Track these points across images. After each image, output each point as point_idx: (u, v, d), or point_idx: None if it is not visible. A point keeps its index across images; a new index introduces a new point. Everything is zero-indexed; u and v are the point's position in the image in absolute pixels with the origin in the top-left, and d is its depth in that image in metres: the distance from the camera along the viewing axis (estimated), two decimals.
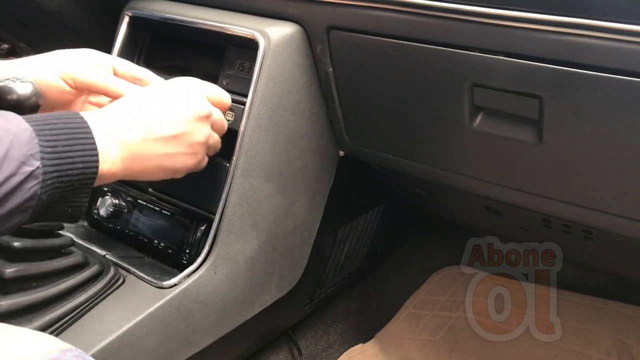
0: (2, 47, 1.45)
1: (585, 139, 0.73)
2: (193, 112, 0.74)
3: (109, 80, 0.80)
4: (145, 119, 0.70)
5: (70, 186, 0.62)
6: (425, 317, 1.36)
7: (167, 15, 0.98)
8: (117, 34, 1.01)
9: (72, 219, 0.66)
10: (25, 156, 0.58)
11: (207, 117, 0.76)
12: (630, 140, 0.69)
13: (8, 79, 0.70)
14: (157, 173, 0.74)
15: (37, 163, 0.59)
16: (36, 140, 0.60)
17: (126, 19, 1.01)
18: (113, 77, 0.81)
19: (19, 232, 0.75)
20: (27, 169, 0.58)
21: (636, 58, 0.63)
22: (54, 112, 0.65)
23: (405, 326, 1.35)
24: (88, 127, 0.64)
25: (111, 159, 0.67)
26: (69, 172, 0.62)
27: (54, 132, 0.62)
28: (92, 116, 0.67)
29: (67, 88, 0.78)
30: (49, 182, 0.60)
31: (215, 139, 0.80)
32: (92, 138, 0.64)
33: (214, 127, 0.79)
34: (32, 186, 0.59)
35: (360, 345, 1.33)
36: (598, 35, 0.64)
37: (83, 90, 0.81)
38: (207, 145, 0.78)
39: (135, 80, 0.83)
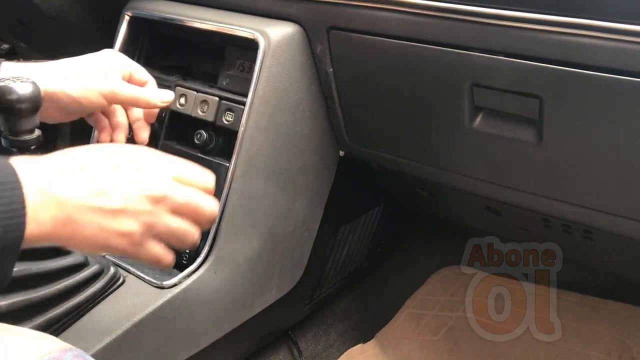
0: (2, 47, 1.45)
1: (585, 139, 0.73)
2: (144, 191, 0.63)
3: (142, 95, 0.83)
4: (92, 182, 0.61)
5: None
6: (425, 317, 1.36)
7: (167, 15, 0.98)
8: (117, 34, 1.01)
9: None
10: None
11: (159, 201, 0.64)
12: (630, 140, 0.69)
13: (8, 78, 0.70)
14: (84, 245, 0.63)
15: None
16: None
17: (126, 19, 1.01)
18: (144, 91, 0.85)
19: None
20: None
21: (636, 58, 0.63)
22: None
23: (405, 326, 1.35)
24: (16, 182, 0.55)
25: (40, 220, 0.57)
26: None
27: None
28: (29, 166, 0.58)
29: (105, 102, 0.82)
30: None
31: (179, 227, 0.66)
32: (21, 195, 0.55)
33: (184, 213, 0.66)
34: None
35: (360, 345, 1.33)
36: (598, 35, 0.64)
37: (117, 103, 0.85)
38: (155, 234, 0.65)
39: (143, 85, 0.88)
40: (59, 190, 0.58)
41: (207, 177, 0.69)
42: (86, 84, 0.81)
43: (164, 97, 0.86)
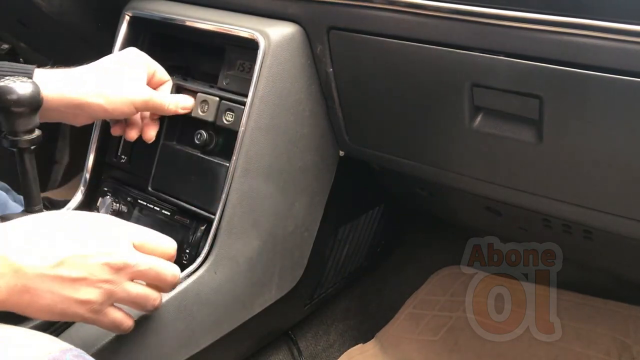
0: (2, 47, 1.45)
1: (585, 139, 0.73)
2: (104, 260, 0.63)
3: (171, 103, 0.89)
4: (52, 252, 0.60)
5: None
6: (425, 317, 1.36)
7: (167, 15, 0.98)
8: (117, 34, 1.01)
9: None
10: None
11: (120, 269, 0.64)
12: (630, 140, 0.69)
13: (8, 78, 0.70)
14: (41, 313, 0.63)
15: None
16: None
17: (126, 19, 1.01)
18: (172, 100, 0.90)
19: None
20: None
21: (636, 58, 0.63)
22: None
23: (405, 326, 1.35)
24: None
25: None
26: None
27: None
28: None
29: (135, 112, 0.86)
30: None
31: (139, 294, 0.68)
32: None
33: (145, 280, 0.68)
34: None
35: (360, 345, 1.33)
36: (598, 35, 0.64)
37: (146, 110, 0.91)
38: (115, 300, 0.66)
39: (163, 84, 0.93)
40: (18, 260, 0.58)
41: (168, 244, 0.70)
42: (122, 96, 0.83)
43: (186, 103, 0.92)
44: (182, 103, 0.91)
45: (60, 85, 0.80)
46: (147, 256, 0.68)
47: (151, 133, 0.94)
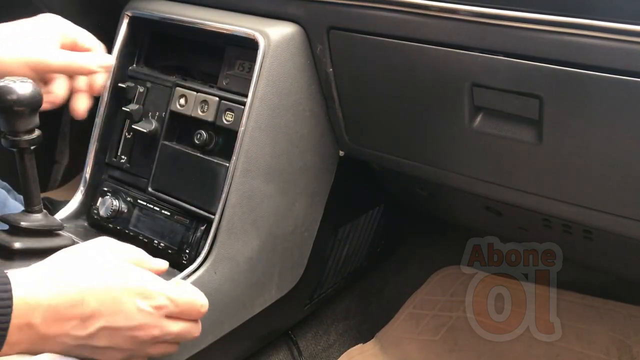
0: None
1: (585, 139, 0.73)
2: (130, 333, 0.63)
3: (76, 61, 0.77)
4: (76, 327, 0.60)
5: None
6: (425, 317, 1.36)
7: (167, 15, 0.98)
8: (117, 34, 1.01)
9: None
10: None
11: (147, 340, 0.65)
12: (630, 140, 0.69)
13: (8, 78, 0.70)
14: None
15: None
16: None
17: (126, 19, 1.01)
18: (80, 57, 0.78)
19: (19, 233, 0.75)
20: None
21: (636, 58, 0.63)
22: None
23: (405, 326, 1.35)
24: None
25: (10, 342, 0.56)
26: None
27: None
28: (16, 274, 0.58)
29: (33, 74, 0.75)
30: None
31: (178, 332, 0.68)
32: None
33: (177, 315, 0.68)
34: None
35: (360, 345, 1.33)
36: (598, 35, 0.64)
37: (49, 72, 0.78)
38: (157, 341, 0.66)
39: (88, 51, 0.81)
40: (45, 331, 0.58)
41: (200, 299, 0.70)
42: (10, 53, 0.74)
43: (102, 61, 0.80)
44: (95, 61, 0.80)
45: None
46: (174, 323, 0.67)
47: (79, 106, 0.83)
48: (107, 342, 0.62)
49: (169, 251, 0.93)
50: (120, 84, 1.00)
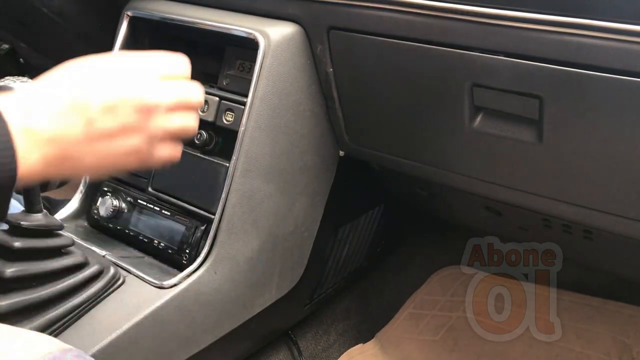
0: (2, 47, 1.45)
1: (585, 139, 0.73)
2: (136, 106, 0.60)
3: None
4: (80, 114, 0.57)
5: None
6: (425, 317, 1.36)
7: (167, 15, 0.98)
8: (117, 34, 1.01)
9: None
10: None
11: (152, 110, 0.62)
12: (630, 140, 0.69)
13: (8, 78, 0.70)
14: (91, 173, 0.63)
15: None
16: None
17: (126, 19, 1.01)
18: None
19: (19, 232, 0.75)
20: None
21: (636, 58, 0.63)
22: None
23: (405, 326, 1.35)
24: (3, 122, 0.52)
25: (29, 162, 0.54)
26: None
27: None
28: (14, 108, 0.54)
29: None
30: None
31: (178, 126, 0.65)
32: (8, 135, 0.52)
33: (177, 111, 0.65)
34: None
35: (360, 345, 1.33)
36: (598, 35, 0.64)
37: None
38: (159, 139, 0.64)
39: None
40: (47, 128, 0.55)
41: (184, 66, 0.69)
42: None
43: None
44: None
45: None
46: (172, 87, 0.65)
47: None
48: (113, 121, 0.58)
49: (169, 251, 0.93)
50: None
